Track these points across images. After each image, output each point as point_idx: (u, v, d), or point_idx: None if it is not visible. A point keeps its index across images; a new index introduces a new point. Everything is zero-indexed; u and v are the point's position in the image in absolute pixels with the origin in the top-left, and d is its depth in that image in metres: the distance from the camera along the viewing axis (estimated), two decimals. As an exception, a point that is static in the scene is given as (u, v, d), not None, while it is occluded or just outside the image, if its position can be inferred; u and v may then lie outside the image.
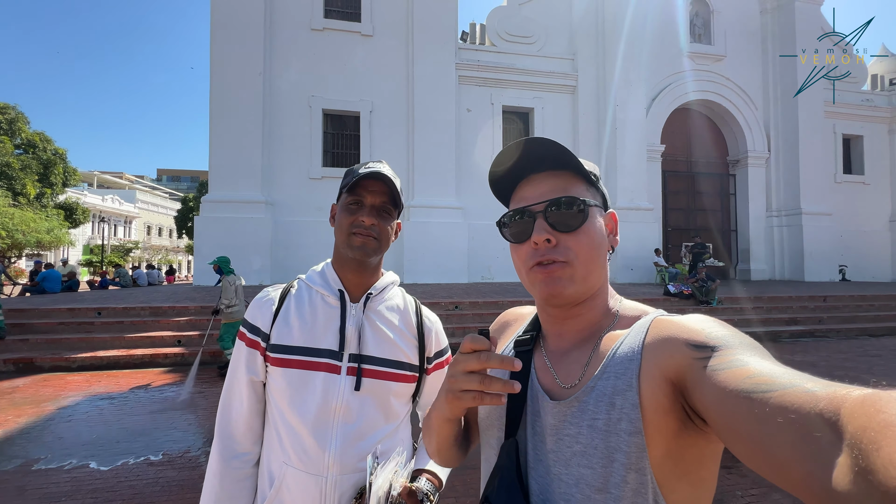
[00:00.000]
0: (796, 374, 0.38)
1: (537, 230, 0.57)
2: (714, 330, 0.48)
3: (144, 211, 42.51)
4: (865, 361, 5.97)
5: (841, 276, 13.73)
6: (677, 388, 0.47)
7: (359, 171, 0.92)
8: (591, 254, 0.58)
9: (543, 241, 0.57)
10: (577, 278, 0.57)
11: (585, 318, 0.60)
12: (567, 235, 0.57)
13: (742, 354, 0.43)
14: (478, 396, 0.50)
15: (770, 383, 0.37)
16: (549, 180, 0.60)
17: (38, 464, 3.02)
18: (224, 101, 10.42)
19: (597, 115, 12.64)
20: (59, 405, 4.25)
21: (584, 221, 0.58)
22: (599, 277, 0.60)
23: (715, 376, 0.42)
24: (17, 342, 6.01)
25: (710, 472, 0.52)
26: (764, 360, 0.42)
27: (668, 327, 0.52)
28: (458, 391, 0.52)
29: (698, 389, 0.44)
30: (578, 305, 0.60)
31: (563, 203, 0.57)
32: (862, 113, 14.86)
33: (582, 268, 0.57)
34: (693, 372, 0.45)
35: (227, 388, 0.94)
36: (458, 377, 0.51)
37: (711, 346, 0.46)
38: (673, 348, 0.49)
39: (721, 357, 0.44)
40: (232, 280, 5.43)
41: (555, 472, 0.54)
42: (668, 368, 0.48)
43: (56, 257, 25.28)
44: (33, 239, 18.20)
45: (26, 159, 21.28)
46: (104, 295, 10.27)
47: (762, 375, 0.39)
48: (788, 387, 0.36)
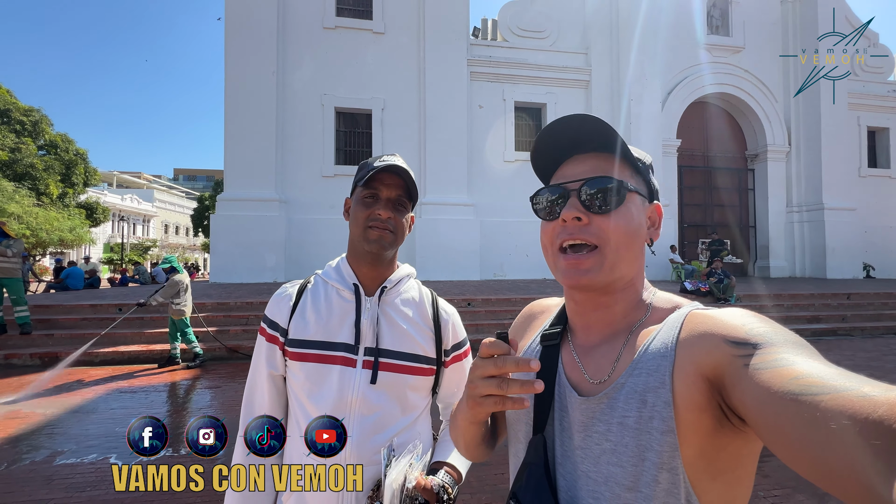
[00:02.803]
0: (850, 376, 0.36)
1: (568, 207, 0.56)
2: (755, 326, 0.46)
3: (162, 210, 43.44)
4: (892, 360, 5.78)
5: (865, 274, 13.31)
6: (714, 386, 0.46)
7: (374, 165, 0.92)
8: (622, 240, 0.55)
9: (573, 218, 0.55)
10: (604, 266, 0.55)
11: (614, 309, 0.58)
12: (600, 217, 0.55)
13: (787, 353, 0.41)
14: (499, 401, 0.49)
15: (821, 385, 0.35)
16: (592, 161, 0.58)
17: (64, 454, 3.11)
18: (238, 101, 10.55)
19: (611, 110, 12.45)
20: (83, 398, 4.38)
21: (620, 204, 0.55)
22: (631, 268, 0.57)
23: (758, 375, 0.40)
24: (42, 337, 6.20)
25: (746, 472, 0.50)
26: (811, 360, 0.40)
27: (704, 322, 0.49)
28: (479, 397, 0.50)
29: (738, 389, 0.42)
30: (607, 295, 0.58)
31: (600, 182, 0.55)
32: (888, 104, 14.32)
33: (612, 254, 0.55)
34: (733, 370, 0.43)
35: (249, 382, 0.96)
36: (477, 382, 0.50)
37: (753, 344, 0.43)
38: (710, 345, 0.47)
39: (764, 355, 0.42)
40: (181, 279, 5.59)
41: (583, 469, 0.53)
42: (705, 366, 0.46)
43: (78, 255, 26.00)
44: (56, 237, 18.73)
45: (49, 160, 21.87)
46: (124, 291, 10.52)
47: (811, 377, 0.37)
48: (842, 390, 0.34)
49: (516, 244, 11.54)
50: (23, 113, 21.96)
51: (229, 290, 8.65)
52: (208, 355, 5.92)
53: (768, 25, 13.66)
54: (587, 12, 12.68)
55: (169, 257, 5.92)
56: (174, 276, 5.60)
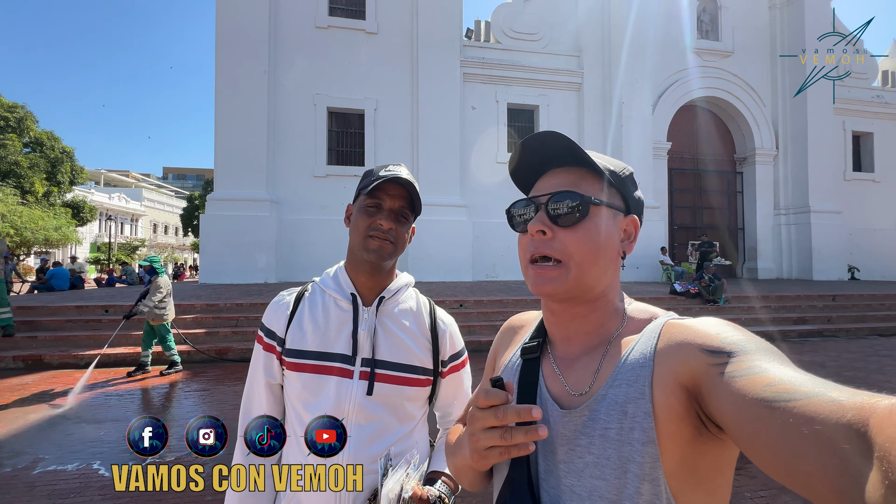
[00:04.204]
0: (819, 382, 0.37)
1: (535, 221, 0.57)
2: (729, 334, 0.47)
3: (150, 209, 42.84)
4: (876, 362, 5.89)
5: (850, 276, 13.57)
6: (692, 394, 0.46)
7: (379, 174, 0.91)
8: (587, 254, 0.55)
9: (537, 231, 0.56)
10: (569, 279, 0.55)
11: (589, 319, 0.59)
12: (564, 231, 0.56)
13: (760, 360, 0.42)
14: (504, 451, 0.48)
15: (792, 392, 0.36)
16: (563, 175, 0.59)
17: (47, 460, 3.04)
18: (229, 100, 10.44)
19: (602, 113, 12.56)
20: (67, 402, 4.29)
21: (583, 219, 0.56)
22: (600, 281, 0.57)
23: (733, 383, 0.41)
24: (25, 339, 6.07)
25: (725, 479, 0.51)
26: (783, 367, 0.41)
27: (681, 331, 0.50)
28: (482, 450, 0.50)
29: (715, 397, 0.43)
30: (581, 305, 0.58)
31: (563, 197, 0.56)
32: (872, 109, 14.64)
33: (575, 268, 0.55)
34: (709, 378, 0.44)
35: (247, 390, 0.96)
36: (479, 435, 0.49)
37: (727, 352, 0.44)
38: (687, 354, 0.47)
39: (738, 363, 0.42)
40: (165, 281, 5.38)
41: (566, 483, 0.53)
42: (683, 375, 0.47)
43: (64, 255, 25.54)
44: (41, 237, 18.40)
45: (34, 158, 21.48)
46: (111, 292, 10.35)
47: (783, 383, 0.38)
48: (812, 395, 0.35)
49: (508, 245, 11.57)
50: (7, 109, 21.53)
51: (219, 292, 8.55)
52: (196, 357, 5.84)
53: (756, 31, 13.89)
54: (579, 15, 12.78)
55: (151, 257, 5.64)
56: (157, 279, 5.35)
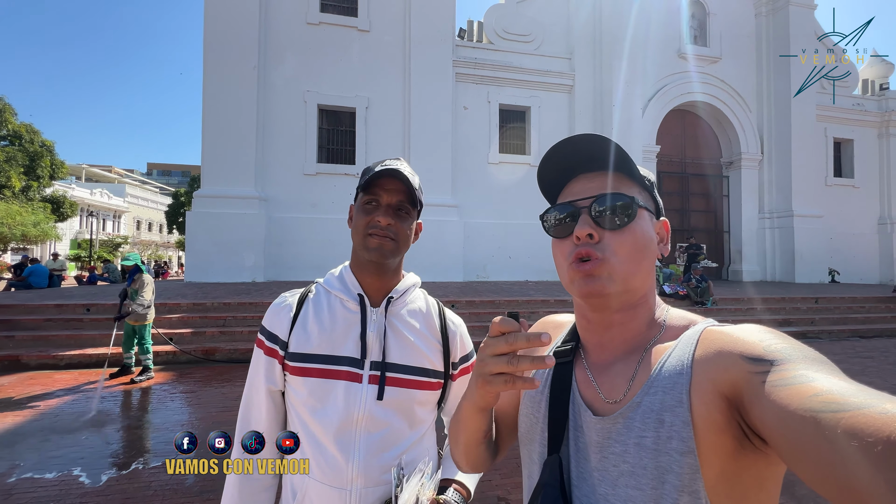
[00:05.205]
0: (870, 393, 0.35)
1: (580, 224, 0.56)
2: (772, 342, 0.45)
3: (134, 205, 41.87)
4: (858, 363, 6.05)
5: (831, 278, 13.93)
6: (733, 404, 0.44)
7: (374, 169, 0.88)
8: (633, 255, 0.55)
9: (585, 235, 0.55)
10: (616, 277, 0.54)
11: (628, 327, 0.57)
12: (611, 233, 0.55)
13: (805, 369, 0.40)
14: (509, 379, 0.48)
15: (841, 402, 0.35)
16: (601, 178, 0.58)
17: (25, 466, 2.92)
18: (217, 95, 10.24)
19: (592, 115, 12.66)
20: (46, 405, 4.14)
21: (631, 221, 0.55)
22: (644, 283, 0.57)
23: (776, 393, 0.39)
24: (2, 339, 5.85)
25: (769, 495, 0.49)
26: (831, 376, 0.39)
27: (720, 339, 0.49)
28: (489, 375, 0.49)
29: (757, 407, 0.41)
30: (620, 313, 0.57)
31: (611, 199, 0.56)
32: (853, 117, 15.05)
33: (621, 267, 0.54)
34: (750, 388, 0.42)
35: (245, 397, 0.92)
36: (487, 360, 0.49)
37: (770, 360, 0.43)
38: (727, 362, 0.46)
39: (782, 372, 0.41)
40: (150, 278, 5.21)
41: (601, 491, 0.52)
42: (723, 383, 0.45)
43: (43, 252, 24.82)
44: (19, 232, 17.83)
45: (12, 151, 20.77)
46: (93, 291, 10.06)
47: (831, 393, 0.36)
48: (863, 407, 0.33)
49: (499, 246, 11.59)
50: (-17, 101, 20.81)
51: (206, 290, 8.37)
52: (182, 357, 5.71)
53: (743, 37, 14.16)
54: (571, 18, 12.87)
55: (131, 255, 5.42)
56: (142, 276, 5.18)
